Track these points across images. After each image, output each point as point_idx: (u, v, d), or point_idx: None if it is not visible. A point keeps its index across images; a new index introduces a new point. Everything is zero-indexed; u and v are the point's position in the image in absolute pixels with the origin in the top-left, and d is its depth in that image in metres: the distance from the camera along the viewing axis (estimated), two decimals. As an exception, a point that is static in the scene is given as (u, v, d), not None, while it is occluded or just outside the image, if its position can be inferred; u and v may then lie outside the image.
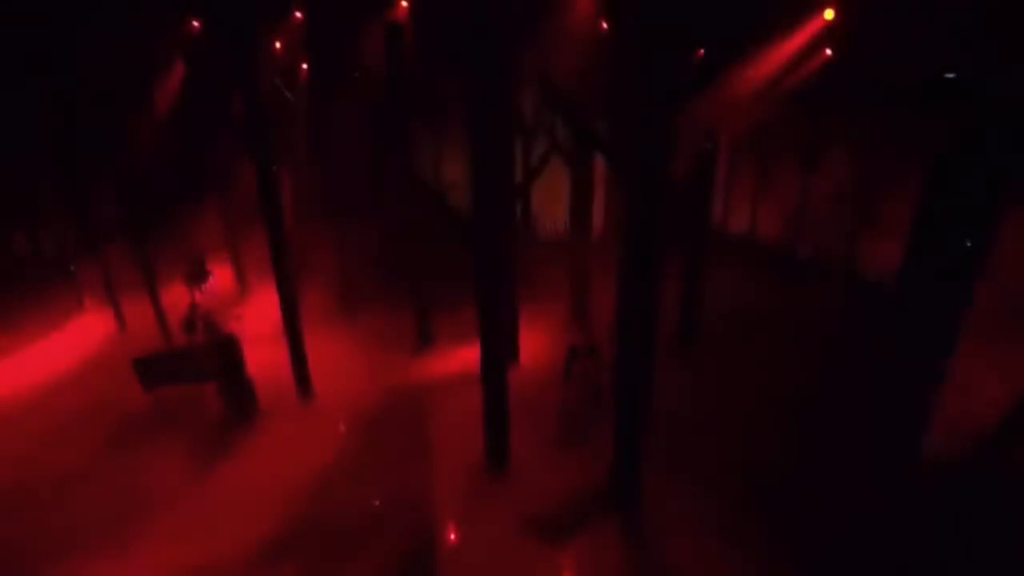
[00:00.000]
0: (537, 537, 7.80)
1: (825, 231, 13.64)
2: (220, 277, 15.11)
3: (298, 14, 12.47)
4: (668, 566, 7.37)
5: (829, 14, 9.11)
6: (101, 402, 11.25)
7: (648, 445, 8.11)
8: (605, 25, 8.45)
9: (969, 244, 10.45)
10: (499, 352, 8.52)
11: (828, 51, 10.65)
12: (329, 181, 15.40)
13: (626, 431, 8.01)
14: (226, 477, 9.21)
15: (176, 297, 14.17)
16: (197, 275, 14.27)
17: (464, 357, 11.71)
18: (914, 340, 9.84)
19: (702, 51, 8.25)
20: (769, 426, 9.61)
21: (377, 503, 8.01)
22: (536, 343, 12.11)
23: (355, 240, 15.00)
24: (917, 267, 11.33)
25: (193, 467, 9.44)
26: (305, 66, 15.01)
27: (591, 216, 13.68)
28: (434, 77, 12.01)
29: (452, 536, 7.93)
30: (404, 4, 10.40)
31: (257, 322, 13.26)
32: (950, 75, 10.49)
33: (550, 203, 16.30)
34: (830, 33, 9.91)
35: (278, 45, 14.06)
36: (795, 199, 13.90)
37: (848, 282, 13.17)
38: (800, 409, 9.94)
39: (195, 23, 13.55)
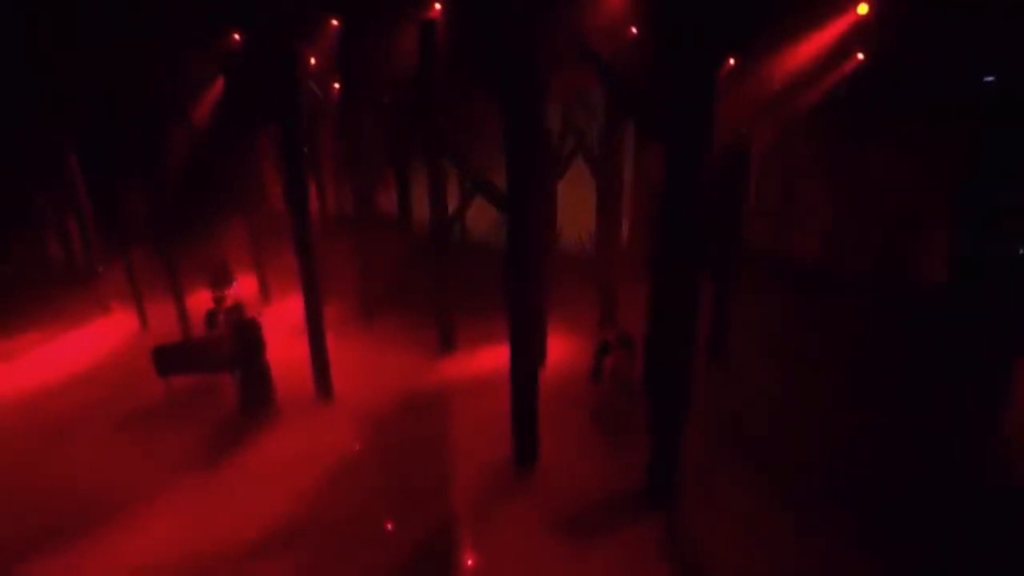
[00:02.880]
0: (567, 535, 7.60)
1: (856, 245, 13.43)
2: (243, 286, 15.33)
3: (334, 21, 13.03)
4: (706, 568, 7.08)
5: (863, 8, 9.24)
6: (114, 396, 11.39)
7: (687, 443, 7.92)
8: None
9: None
10: (529, 335, 8.46)
11: (860, 55, 10.76)
12: (355, 189, 15.72)
13: (663, 427, 7.86)
14: (236, 468, 9.19)
15: (199, 302, 14.38)
16: (221, 280, 14.47)
17: (487, 362, 11.70)
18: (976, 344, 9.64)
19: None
20: (812, 432, 9.36)
21: (389, 527, 7.85)
22: (564, 349, 12.10)
23: (377, 247, 15.16)
24: (963, 277, 11.17)
25: (201, 458, 9.43)
26: (336, 84, 15.68)
27: (619, 225, 13.77)
28: (466, 75, 12.28)
29: (475, 532, 7.73)
30: (438, 6, 10.86)
31: (277, 327, 13.32)
32: (989, 78, 10.55)
33: (576, 218, 16.41)
34: (862, 33, 10.03)
35: (313, 60, 14.73)
36: (823, 212, 13.76)
37: (882, 296, 12.89)
38: (841, 415, 9.70)
39: (235, 35, 14.26)
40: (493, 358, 11.54)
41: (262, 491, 8.55)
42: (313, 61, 14.88)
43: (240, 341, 10.15)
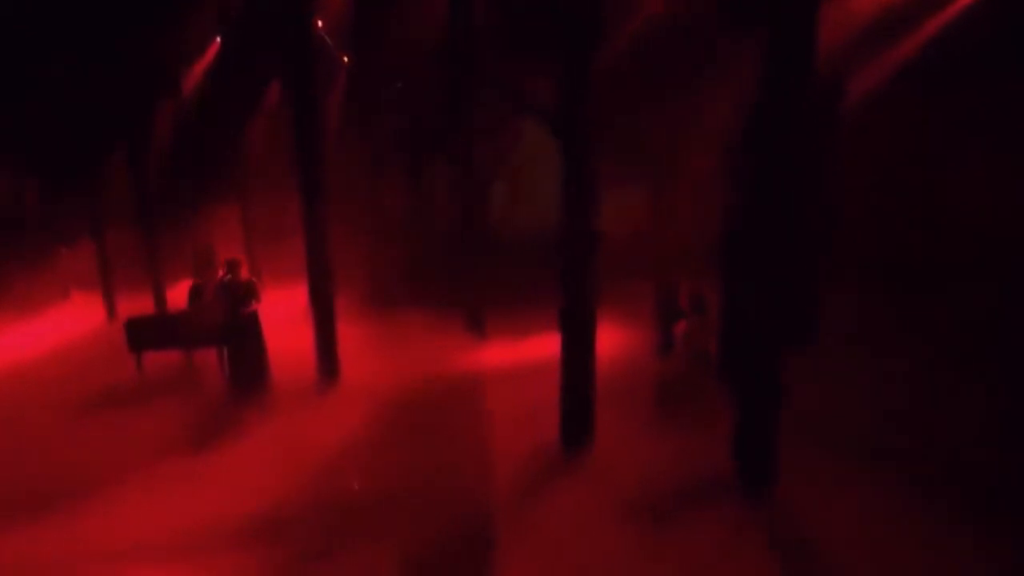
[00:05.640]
0: (639, 524, 6.80)
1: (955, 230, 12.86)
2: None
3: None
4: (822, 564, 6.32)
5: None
6: (77, 378, 11.02)
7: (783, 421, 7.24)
8: None
9: None
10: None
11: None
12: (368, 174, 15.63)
13: (755, 401, 7.22)
14: (225, 450, 8.58)
15: (178, 294, 14.04)
16: (205, 267, 14.15)
17: (521, 352, 11.30)
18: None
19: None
20: (914, 427, 8.64)
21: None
22: (614, 340, 11.26)
23: (392, 245, 15.02)
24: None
25: (184, 440, 8.83)
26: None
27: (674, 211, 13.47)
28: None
29: (520, 522, 6.94)
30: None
31: (272, 316, 12.94)
32: None
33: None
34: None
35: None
36: (922, 194, 13.24)
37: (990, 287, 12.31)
38: (946, 411, 9.03)
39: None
40: (528, 347, 11.25)
41: (255, 474, 7.85)
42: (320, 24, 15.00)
43: (233, 301, 9.70)
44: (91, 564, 6.39)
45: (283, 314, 12.72)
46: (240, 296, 9.77)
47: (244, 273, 9.98)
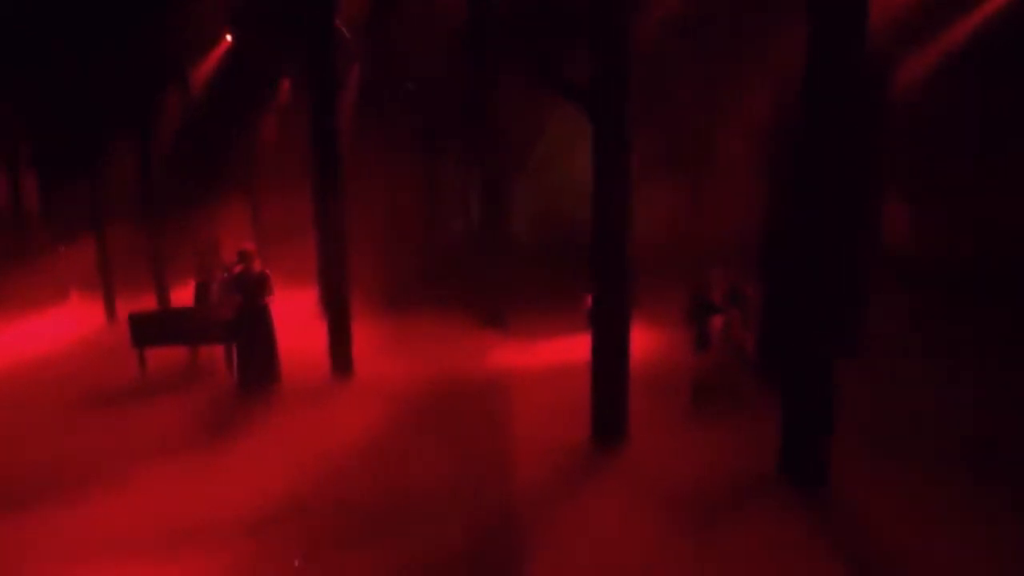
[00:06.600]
0: (680, 518, 6.55)
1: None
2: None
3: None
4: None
5: None
6: (78, 376, 10.98)
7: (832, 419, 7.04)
8: None
9: None
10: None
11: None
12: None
13: (806, 400, 6.99)
14: (230, 445, 8.43)
15: (182, 297, 13.96)
16: (208, 265, 14.04)
17: (540, 352, 11.33)
18: None
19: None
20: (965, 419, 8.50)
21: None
22: (647, 336, 11.49)
23: (407, 243, 14.95)
24: None
25: (189, 436, 8.69)
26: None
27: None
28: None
29: (547, 513, 6.72)
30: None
31: (282, 314, 12.89)
32: None
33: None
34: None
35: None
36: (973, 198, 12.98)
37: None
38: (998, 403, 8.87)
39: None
40: (548, 348, 11.28)
41: (259, 473, 7.66)
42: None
43: (246, 292, 9.55)
44: (89, 559, 6.13)
45: (294, 312, 12.59)
46: (252, 288, 9.60)
47: (257, 265, 9.76)
